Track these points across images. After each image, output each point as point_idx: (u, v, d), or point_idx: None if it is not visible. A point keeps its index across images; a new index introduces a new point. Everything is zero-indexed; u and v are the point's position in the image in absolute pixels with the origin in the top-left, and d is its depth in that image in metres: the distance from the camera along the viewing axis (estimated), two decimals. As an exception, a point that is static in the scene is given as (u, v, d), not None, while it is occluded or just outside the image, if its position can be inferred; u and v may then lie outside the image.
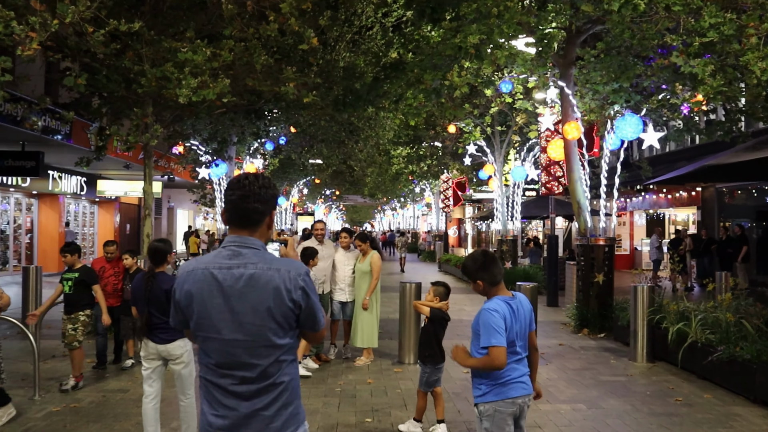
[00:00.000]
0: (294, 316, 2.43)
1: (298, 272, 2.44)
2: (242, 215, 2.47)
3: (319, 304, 2.53)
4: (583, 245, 11.13)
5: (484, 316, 3.32)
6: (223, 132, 14.85)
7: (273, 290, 2.39)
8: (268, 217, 2.53)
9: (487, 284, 3.44)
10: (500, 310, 3.33)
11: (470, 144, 17.04)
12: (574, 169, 11.12)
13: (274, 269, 2.42)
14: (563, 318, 12.00)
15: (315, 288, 2.53)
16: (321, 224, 8.58)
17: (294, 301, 2.41)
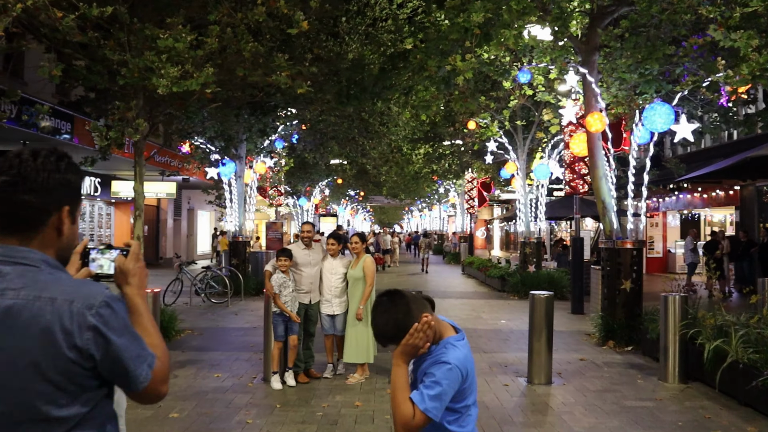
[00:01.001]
0: (83, 372, 1.52)
1: (87, 302, 1.53)
2: (6, 212, 1.57)
3: (138, 347, 1.61)
4: (609, 248, 10.02)
5: (448, 372, 2.26)
6: (229, 129, 14.07)
7: (40, 333, 1.48)
8: (57, 216, 1.62)
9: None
10: (462, 369, 2.29)
11: (490, 141, 15.96)
12: (598, 165, 10.03)
13: (45, 299, 1.51)
14: (587, 327, 10.91)
15: (124, 324, 1.59)
16: (308, 226, 7.67)
17: (79, 348, 1.50)
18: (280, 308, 7.14)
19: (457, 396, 2.24)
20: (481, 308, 13.86)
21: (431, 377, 2.21)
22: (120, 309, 1.59)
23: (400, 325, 2.24)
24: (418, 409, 2.16)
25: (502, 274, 17.29)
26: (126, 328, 1.58)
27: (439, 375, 2.20)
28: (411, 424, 2.15)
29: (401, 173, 27.92)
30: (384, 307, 2.29)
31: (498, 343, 9.75)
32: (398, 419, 2.17)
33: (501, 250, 40.41)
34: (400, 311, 2.26)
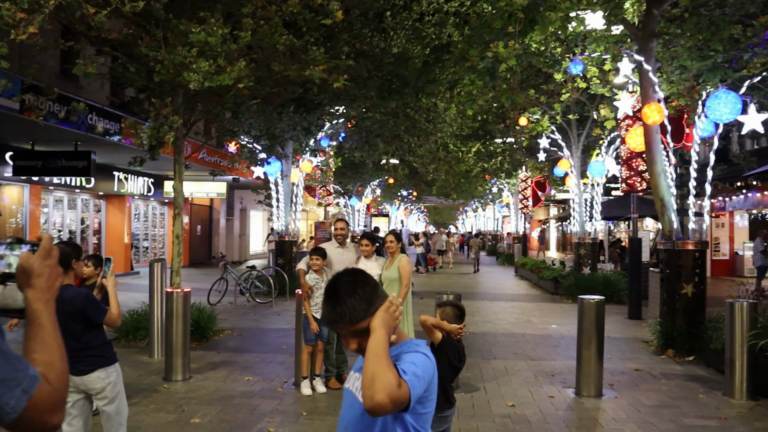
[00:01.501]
0: None
1: None
2: None
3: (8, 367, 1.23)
4: (668, 250, 9.27)
5: (425, 360, 1.94)
6: (273, 128, 13.89)
7: None
8: None
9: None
10: (433, 370, 1.97)
11: (542, 137, 15.26)
12: (657, 161, 9.29)
13: None
14: (645, 334, 10.16)
15: None
16: (341, 223, 7.29)
17: None
18: (305, 311, 6.80)
19: (421, 399, 1.92)
20: (531, 312, 13.21)
21: (407, 360, 1.90)
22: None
23: (372, 300, 1.92)
24: (403, 380, 1.81)
25: (555, 276, 16.54)
26: None
27: (416, 359, 1.91)
28: (396, 394, 1.77)
29: (451, 172, 27.30)
30: (352, 280, 1.96)
31: (546, 350, 9.15)
32: (381, 387, 1.76)
33: (557, 251, 39.20)
34: (369, 287, 1.95)
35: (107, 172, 18.46)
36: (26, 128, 13.04)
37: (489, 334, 10.35)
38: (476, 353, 8.82)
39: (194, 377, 7.40)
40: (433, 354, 3.91)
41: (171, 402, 6.41)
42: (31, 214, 15.75)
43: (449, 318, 4.02)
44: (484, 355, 8.74)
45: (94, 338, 3.90)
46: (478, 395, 6.74)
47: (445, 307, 4.06)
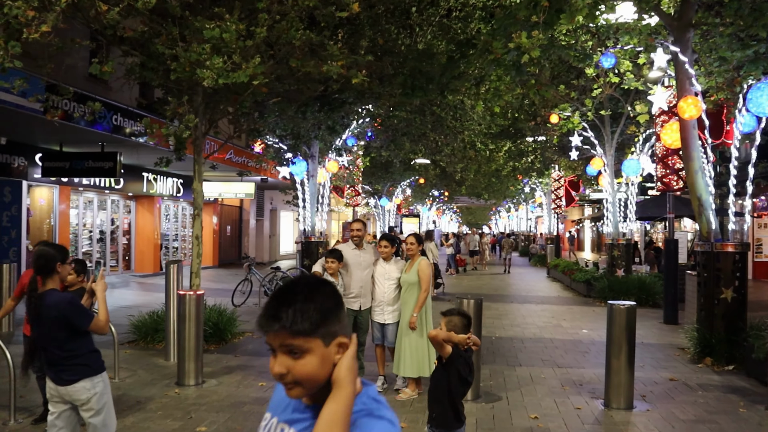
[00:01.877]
0: None
1: None
2: None
3: None
4: (706, 252, 8.73)
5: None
6: (297, 127, 13.67)
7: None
8: None
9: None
10: None
11: (574, 134, 14.73)
12: (693, 157, 8.76)
13: None
14: (681, 341, 9.62)
15: None
16: (358, 224, 6.99)
17: None
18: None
19: None
20: (561, 315, 12.72)
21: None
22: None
23: (328, 318, 1.44)
24: None
25: (588, 278, 15.97)
26: None
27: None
28: None
29: (480, 171, 26.76)
30: (317, 287, 1.49)
31: (575, 357, 8.70)
32: None
33: (592, 252, 38.28)
34: (332, 303, 1.49)
35: (136, 173, 18.53)
36: (53, 129, 13.08)
37: (516, 339, 9.94)
38: (501, 359, 8.43)
39: (207, 382, 7.20)
40: (444, 368, 3.58)
41: (180, 408, 6.19)
42: (61, 215, 15.86)
43: (456, 328, 3.69)
44: (509, 361, 8.35)
45: (80, 346, 3.67)
46: (500, 406, 6.37)
47: (452, 316, 3.74)
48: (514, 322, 11.78)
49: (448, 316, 3.73)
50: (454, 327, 3.67)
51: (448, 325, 3.66)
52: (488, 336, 10.18)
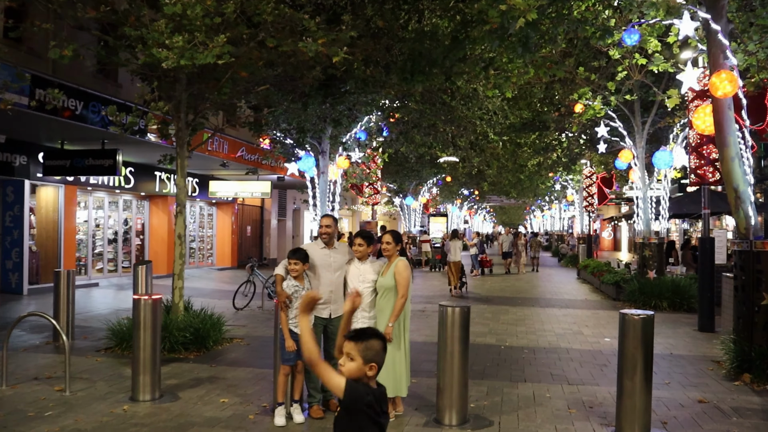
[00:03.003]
0: None
1: None
2: None
3: None
4: (744, 251, 7.50)
5: None
6: (302, 120, 12.83)
7: None
8: None
9: None
10: None
11: (601, 125, 13.48)
12: (729, 143, 7.54)
13: None
14: (717, 352, 8.37)
15: None
16: (327, 219, 6.02)
17: None
18: (281, 325, 5.60)
19: None
20: (584, 321, 11.52)
21: None
22: None
23: None
24: None
25: (617, 280, 14.67)
26: None
27: None
28: None
29: (504, 167, 25.44)
30: None
31: (591, 371, 7.56)
32: None
33: (629, 252, 36.48)
34: None
35: (149, 172, 17.98)
36: (54, 127, 12.55)
37: (527, 349, 8.83)
38: (504, 373, 7.36)
39: (165, 396, 6.34)
40: (348, 414, 2.57)
41: (119, 429, 5.34)
42: (67, 215, 15.35)
43: (378, 356, 2.67)
44: (513, 376, 7.26)
45: None
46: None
47: (370, 340, 2.66)
48: (530, 328, 10.66)
49: (363, 341, 2.66)
50: (375, 355, 2.64)
51: (367, 354, 2.62)
52: (497, 345, 9.11)
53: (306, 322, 2.85)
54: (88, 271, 16.74)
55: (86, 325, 10.53)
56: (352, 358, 2.57)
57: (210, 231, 22.94)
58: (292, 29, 7.41)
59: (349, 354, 2.58)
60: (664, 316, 11.98)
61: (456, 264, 16.20)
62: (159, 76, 8.53)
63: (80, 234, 16.56)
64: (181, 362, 7.94)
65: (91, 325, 10.58)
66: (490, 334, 9.96)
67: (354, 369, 2.57)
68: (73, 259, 15.51)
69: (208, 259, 22.78)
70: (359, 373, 2.58)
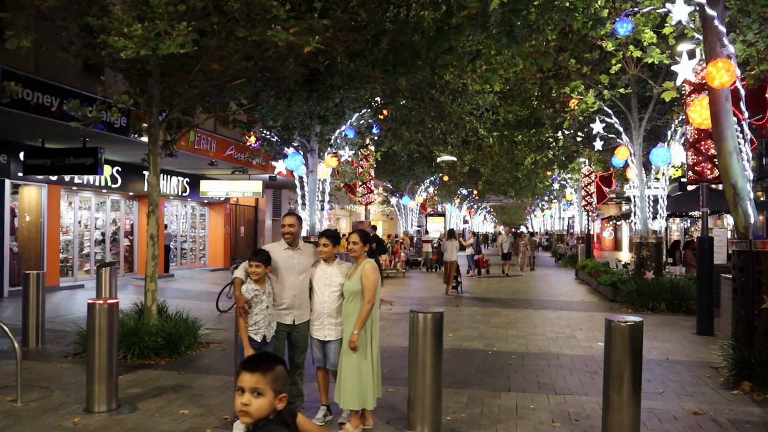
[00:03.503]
0: None
1: None
2: None
3: None
4: (743, 252, 7.02)
5: None
6: (288, 117, 12.39)
7: None
8: None
9: None
10: None
11: (596, 121, 12.99)
12: (727, 136, 7.07)
13: None
14: (715, 357, 7.89)
15: None
16: (291, 218, 5.56)
17: None
18: (240, 332, 5.16)
19: None
20: (579, 324, 11.04)
21: None
22: None
23: None
24: None
25: (614, 281, 14.19)
26: None
27: None
28: None
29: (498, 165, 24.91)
30: None
31: (581, 379, 7.09)
32: None
33: (630, 251, 35.94)
34: None
35: (137, 171, 17.55)
36: (34, 124, 12.13)
37: (516, 355, 8.36)
38: (487, 382, 6.90)
39: (123, 407, 5.90)
40: None
41: (62, 447, 4.90)
42: (51, 216, 14.93)
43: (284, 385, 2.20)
44: (497, 384, 6.80)
45: None
46: (462, 451, 4.87)
47: (274, 368, 2.17)
48: (522, 332, 10.19)
49: (270, 371, 2.16)
50: (284, 384, 2.16)
51: (277, 385, 2.14)
52: (485, 350, 8.64)
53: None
54: (74, 272, 16.32)
55: (60, 329, 10.10)
56: (261, 393, 2.10)
57: (202, 231, 22.52)
58: (263, 18, 6.96)
59: (255, 389, 2.10)
60: (661, 319, 11.51)
61: (452, 264, 16.01)
62: (127, 68, 8.11)
63: (67, 235, 16.14)
64: (149, 369, 7.51)
65: (65, 329, 10.15)
66: (479, 339, 9.50)
67: (265, 406, 2.11)
68: (57, 261, 15.09)
69: (201, 260, 22.36)
70: (269, 409, 2.11)
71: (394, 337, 9.45)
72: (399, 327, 10.40)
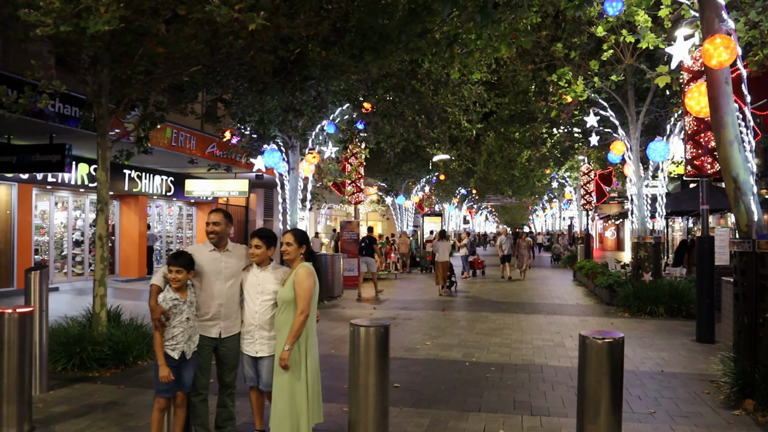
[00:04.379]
0: None
1: None
2: None
3: None
4: (745, 253, 6.20)
5: None
6: (263, 111, 11.65)
7: None
8: None
9: None
10: None
11: (590, 114, 12.16)
12: (726, 123, 6.25)
13: None
14: (714, 370, 7.05)
15: None
16: (216, 215, 4.79)
17: None
18: (155, 348, 4.39)
19: None
20: (570, 330, 10.21)
21: None
22: None
23: None
24: None
25: (611, 283, 13.35)
26: None
27: None
28: None
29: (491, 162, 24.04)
30: None
31: (563, 396, 6.28)
32: None
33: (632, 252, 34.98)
34: None
35: (116, 170, 16.81)
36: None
37: (495, 367, 7.55)
38: (456, 400, 6.09)
39: (37, 429, 5.14)
40: None
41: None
42: (22, 216, 14.21)
43: None
44: (467, 403, 5.99)
45: None
46: (408, 491, 4.07)
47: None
48: (507, 340, 9.37)
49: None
50: None
51: None
52: (462, 361, 7.84)
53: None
54: (50, 274, 15.60)
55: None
56: None
57: (190, 232, 21.77)
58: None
59: None
60: (659, 324, 10.67)
61: (444, 264, 15.77)
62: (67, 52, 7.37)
63: (43, 236, 15.43)
64: (88, 382, 6.76)
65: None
66: (459, 347, 8.69)
67: None
68: (29, 262, 14.37)
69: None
70: None
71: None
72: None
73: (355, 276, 17.43)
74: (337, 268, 14.97)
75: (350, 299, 14.56)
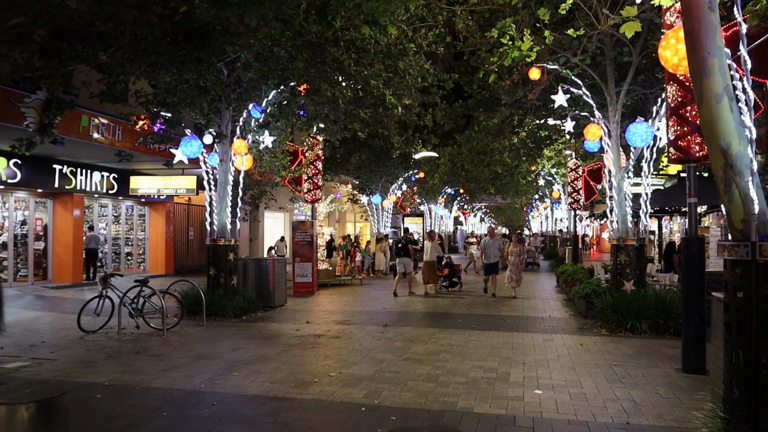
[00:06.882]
0: None
1: None
2: None
3: None
4: (741, 262, 4.03)
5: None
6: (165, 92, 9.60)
7: None
8: None
9: None
10: None
11: (558, 92, 9.96)
12: (709, 68, 4.14)
13: None
14: (697, 423, 4.87)
15: None
16: None
17: None
18: None
19: None
20: (525, 354, 8.03)
21: None
22: None
23: None
24: None
25: (588, 292, 11.15)
26: None
27: None
28: None
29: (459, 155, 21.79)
30: None
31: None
32: None
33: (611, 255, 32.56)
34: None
35: (44, 164, 14.81)
36: None
37: (398, 415, 5.38)
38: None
39: None
40: None
41: None
42: None
43: None
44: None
45: None
46: None
47: None
48: (438, 370, 7.20)
49: None
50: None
51: None
52: (358, 405, 5.69)
53: None
54: (-39, 281, 13.59)
55: None
56: None
57: (142, 234, 19.72)
58: None
59: None
60: (641, 344, 8.49)
61: (430, 264, 15.23)
62: None
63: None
64: None
65: None
66: (368, 381, 6.55)
67: None
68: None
69: (141, 266, 19.57)
70: None
71: (224, 378, 6.52)
72: (264, 363, 7.48)
73: (309, 282, 15.34)
74: (280, 274, 12.87)
75: (293, 309, 12.44)
